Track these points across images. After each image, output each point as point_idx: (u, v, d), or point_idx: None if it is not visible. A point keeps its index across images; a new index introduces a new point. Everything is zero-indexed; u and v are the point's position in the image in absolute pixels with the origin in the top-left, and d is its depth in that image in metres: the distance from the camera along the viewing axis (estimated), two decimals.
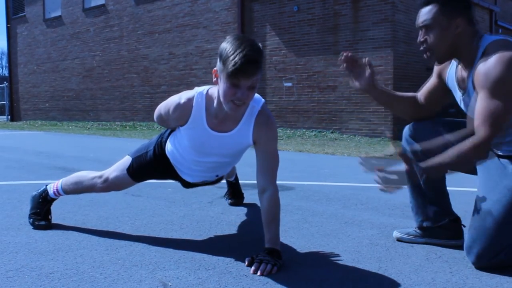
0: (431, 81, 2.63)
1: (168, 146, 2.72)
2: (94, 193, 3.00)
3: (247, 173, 4.33)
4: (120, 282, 2.13)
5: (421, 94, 2.67)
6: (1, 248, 2.64)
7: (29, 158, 7.28)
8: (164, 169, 2.78)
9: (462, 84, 2.40)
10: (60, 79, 20.47)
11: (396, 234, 2.80)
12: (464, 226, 2.65)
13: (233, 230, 3.06)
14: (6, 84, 24.33)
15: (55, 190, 3.07)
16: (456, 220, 2.70)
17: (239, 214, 3.45)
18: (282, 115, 12.95)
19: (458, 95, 2.46)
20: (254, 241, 2.80)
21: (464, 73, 2.36)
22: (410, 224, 2.92)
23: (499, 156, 2.36)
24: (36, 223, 3.03)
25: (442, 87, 2.58)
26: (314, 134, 11.72)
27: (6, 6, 23.59)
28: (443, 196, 2.71)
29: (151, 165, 2.78)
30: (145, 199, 3.99)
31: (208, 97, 2.41)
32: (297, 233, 2.98)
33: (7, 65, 26.23)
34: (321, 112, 12.26)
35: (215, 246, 2.71)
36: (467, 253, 2.31)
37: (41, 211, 3.06)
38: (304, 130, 12.28)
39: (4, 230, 3.02)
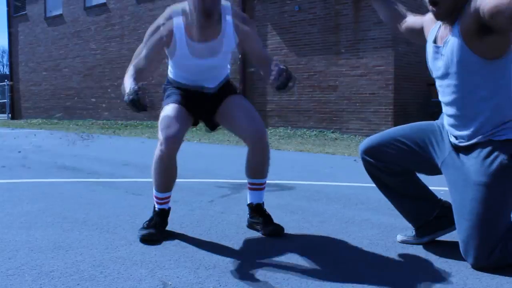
0: (417, 23, 2.68)
1: (170, 74, 3.02)
2: (169, 161, 2.75)
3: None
4: (120, 281, 2.13)
5: (405, 23, 2.75)
6: (1, 247, 2.64)
7: (30, 156, 7.28)
8: (180, 92, 2.95)
9: (440, 41, 2.40)
10: (61, 77, 20.47)
11: (399, 237, 2.80)
12: None
13: (233, 229, 3.06)
14: (7, 82, 24.33)
15: (154, 200, 2.94)
16: (446, 205, 2.71)
17: (239, 213, 3.45)
18: (283, 114, 12.94)
19: (430, 49, 2.47)
20: (254, 241, 2.81)
21: (446, 30, 2.36)
22: (409, 225, 2.92)
23: (459, 148, 2.38)
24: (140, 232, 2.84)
25: (419, 33, 2.65)
26: (315, 134, 11.72)
27: (7, 5, 23.59)
28: (421, 188, 2.72)
29: (177, 93, 2.95)
30: (145, 198, 3.99)
31: (183, 10, 2.76)
32: (297, 233, 2.98)
33: (8, 63, 26.23)
34: (321, 112, 12.25)
35: (215, 245, 2.71)
36: (464, 256, 2.33)
37: (150, 222, 2.90)
38: (304, 130, 12.28)
39: (4, 229, 3.02)
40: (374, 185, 2.79)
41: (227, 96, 2.97)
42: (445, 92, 2.41)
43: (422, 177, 2.73)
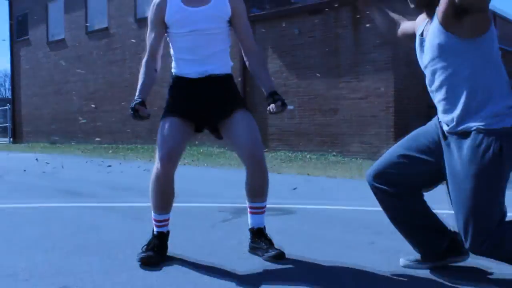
0: (410, 27, 2.76)
1: (174, 70, 3.10)
2: (165, 181, 2.83)
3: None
4: None
5: (400, 29, 2.82)
6: (0, 272, 2.62)
7: (31, 180, 7.27)
8: (180, 97, 3.01)
9: (425, 34, 2.48)
10: (63, 101, 20.54)
11: (402, 261, 2.77)
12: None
13: (234, 254, 3.04)
14: (9, 106, 24.43)
15: (153, 223, 2.96)
16: (455, 237, 2.68)
17: (241, 238, 3.43)
18: (284, 137, 12.95)
19: (417, 42, 2.55)
20: (256, 266, 2.78)
21: (429, 23, 2.45)
22: (412, 249, 2.89)
23: (453, 137, 2.38)
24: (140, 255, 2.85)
25: (412, 37, 2.71)
26: (316, 157, 11.71)
27: (10, 29, 23.81)
28: (431, 216, 2.70)
29: (175, 102, 3.02)
30: (146, 223, 3.96)
31: None
32: (299, 258, 2.95)
33: (10, 87, 26.37)
34: (322, 135, 12.27)
35: (216, 270, 2.69)
36: (464, 240, 2.34)
37: (148, 245, 2.91)
38: (305, 153, 12.28)
39: (4, 254, 3.01)
40: (376, 208, 2.77)
41: (234, 111, 2.97)
42: (432, 79, 2.45)
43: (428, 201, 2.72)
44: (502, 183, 2.29)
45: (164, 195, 2.89)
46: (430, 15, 2.42)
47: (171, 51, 3.08)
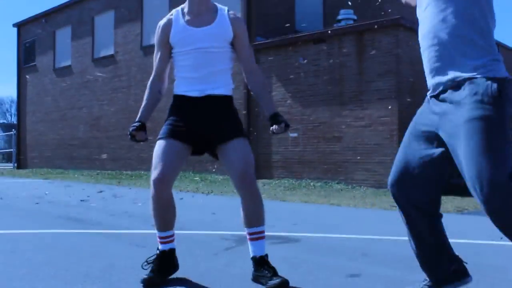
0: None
1: (175, 88, 3.16)
2: (160, 202, 2.96)
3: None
4: None
5: None
6: None
7: (34, 207, 7.27)
8: (178, 117, 3.06)
9: None
10: (68, 127, 20.66)
11: None
12: (466, 263, 2.61)
13: (237, 283, 3.02)
14: (14, 131, 24.56)
15: (157, 241, 3.07)
16: (460, 261, 2.65)
17: (244, 267, 3.41)
18: (288, 165, 12.94)
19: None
20: None
21: None
22: (417, 278, 2.87)
23: (446, 100, 2.32)
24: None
25: None
26: (320, 185, 11.69)
27: (17, 56, 24.09)
28: (443, 236, 2.66)
29: (172, 123, 3.06)
30: (149, 251, 3.95)
31: (182, 9, 3.10)
32: (303, 287, 2.93)
33: (16, 112, 26.55)
34: (326, 163, 12.26)
35: None
36: (478, 196, 2.19)
37: (151, 264, 3.05)
38: (309, 181, 12.26)
39: (7, 280, 2.99)
40: (380, 237, 2.76)
41: (232, 137, 3.01)
42: (425, 30, 2.41)
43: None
44: (507, 131, 2.20)
45: (162, 214, 3.01)
46: None
47: (174, 72, 3.17)
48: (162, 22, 3.11)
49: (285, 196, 9.22)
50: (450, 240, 2.59)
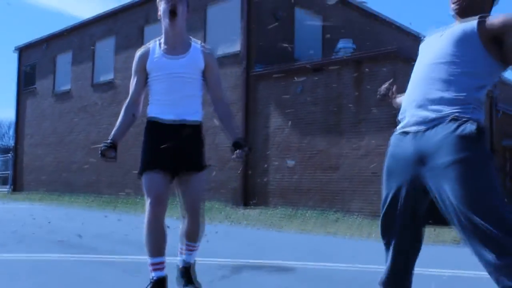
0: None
1: (149, 112, 3.31)
2: (156, 223, 3.10)
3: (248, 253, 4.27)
4: None
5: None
6: None
7: (28, 231, 7.22)
8: (155, 146, 3.18)
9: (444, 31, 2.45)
10: (65, 151, 20.64)
11: None
12: None
13: None
14: (12, 154, 24.52)
15: (149, 268, 3.11)
16: None
17: None
18: (284, 194, 12.91)
19: (428, 38, 2.60)
20: None
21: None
22: None
23: (423, 138, 2.31)
24: None
25: None
26: (316, 214, 11.64)
27: (17, 79, 24.19)
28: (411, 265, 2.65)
29: (147, 155, 3.24)
30: (142, 280, 3.92)
31: (159, 39, 3.32)
32: None
33: (13, 135, 26.56)
34: (323, 192, 12.24)
35: None
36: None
37: None
38: (306, 210, 12.21)
39: None
40: (376, 267, 2.75)
41: (196, 170, 3.25)
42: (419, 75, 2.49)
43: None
44: (492, 169, 2.15)
45: (157, 238, 3.08)
46: (465, 21, 2.37)
47: (149, 97, 3.35)
48: (140, 51, 3.36)
49: (281, 225, 9.18)
50: (449, 272, 2.59)
